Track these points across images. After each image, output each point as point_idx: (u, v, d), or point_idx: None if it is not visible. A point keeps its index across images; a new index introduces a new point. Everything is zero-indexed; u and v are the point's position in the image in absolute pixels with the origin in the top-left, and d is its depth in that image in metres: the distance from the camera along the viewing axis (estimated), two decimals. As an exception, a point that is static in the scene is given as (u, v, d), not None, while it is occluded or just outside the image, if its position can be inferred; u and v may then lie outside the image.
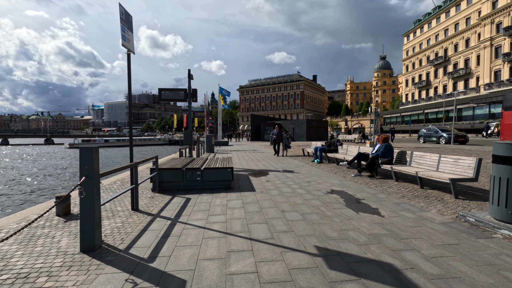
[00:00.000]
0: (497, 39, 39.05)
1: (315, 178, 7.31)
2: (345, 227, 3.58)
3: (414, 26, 61.11)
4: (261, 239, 3.21)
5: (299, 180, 7.04)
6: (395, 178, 6.47)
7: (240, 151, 18.33)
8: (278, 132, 13.94)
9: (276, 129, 13.95)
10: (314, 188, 6.03)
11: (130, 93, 4.41)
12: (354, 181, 6.79)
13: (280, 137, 13.91)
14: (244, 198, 5.26)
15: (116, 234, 3.47)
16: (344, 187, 6.15)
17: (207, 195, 5.51)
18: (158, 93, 10.62)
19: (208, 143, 17.87)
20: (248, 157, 14.19)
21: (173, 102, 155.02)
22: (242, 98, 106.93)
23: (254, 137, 39.39)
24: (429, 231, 3.40)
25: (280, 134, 13.98)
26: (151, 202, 5.09)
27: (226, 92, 28.91)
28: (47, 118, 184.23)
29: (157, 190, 5.86)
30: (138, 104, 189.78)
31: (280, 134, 13.95)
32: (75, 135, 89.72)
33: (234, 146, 24.81)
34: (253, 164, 10.89)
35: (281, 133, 14.05)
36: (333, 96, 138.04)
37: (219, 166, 6.17)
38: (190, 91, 10.83)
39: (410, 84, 61.71)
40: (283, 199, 5.10)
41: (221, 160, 7.42)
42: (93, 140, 63.12)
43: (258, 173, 8.56)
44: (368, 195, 5.35)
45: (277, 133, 13.94)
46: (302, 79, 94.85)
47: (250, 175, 8.06)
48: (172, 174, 5.97)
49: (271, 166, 10.33)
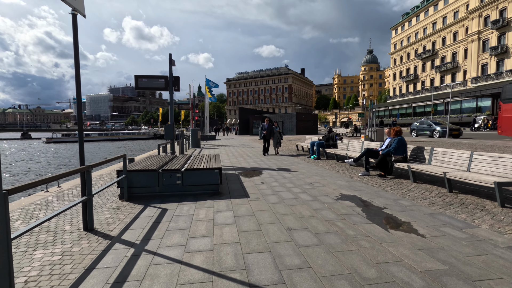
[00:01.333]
0: (484, 33, 39.12)
1: (317, 179, 6.28)
2: (382, 257, 2.54)
3: (402, 19, 60.95)
4: (267, 286, 2.12)
5: (299, 182, 5.99)
6: (412, 179, 5.51)
7: (228, 146, 17.15)
8: (269, 126, 11.48)
9: (266, 123, 11.59)
10: (320, 193, 4.99)
11: (77, 69, 3.17)
12: (363, 182, 5.80)
13: (271, 131, 11.58)
14: (236, 208, 4.15)
15: (44, 280, 2.29)
16: (354, 190, 5.14)
17: (189, 204, 4.37)
18: (135, 81, 9.28)
19: (193, 138, 16.59)
20: (238, 152, 13.05)
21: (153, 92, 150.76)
22: (230, 91, 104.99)
23: (242, 131, 38.20)
24: (501, 263, 2.40)
25: (271, 128, 11.60)
26: (114, 215, 3.91)
27: (214, 84, 27.55)
28: (24, 111, 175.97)
29: (125, 198, 4.66)
30: (122, 97, 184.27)
31: (270, 129, 11.55)
32: (54, 129, 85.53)
33: (221, 141, 23.59)
34: (244, 161, 9.78)
35: (272, 127, 11.73)
36: (320, 90, 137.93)
37: (205, 167, 5.02)
38: (172, 78, 9.53)
39: (398, 78, 61.81)
40: (286, 209, 4.03)
41: (207, 159, 6.26)
42: (73, 134, 60.14)
43: (250, 172, 7.46)
44: (389, 201, 4.35)
45: (267, 127, 11.44)
46: (290, 72, 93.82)
47: (241, 175, 6.95)
48: (145, 177, 4.78)
49: (264, 163, 9.25)
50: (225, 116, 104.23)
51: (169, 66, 9.64)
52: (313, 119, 37.94)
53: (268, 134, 11.47)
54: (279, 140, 11.89)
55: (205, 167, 4.98)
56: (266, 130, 11.48)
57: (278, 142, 11.85)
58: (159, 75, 9.52)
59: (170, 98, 9.65)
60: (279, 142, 11.92)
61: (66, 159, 24.95)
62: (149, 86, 9.43)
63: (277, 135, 11.76)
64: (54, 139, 53.67)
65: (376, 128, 16.67)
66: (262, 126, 11.72)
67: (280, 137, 11.94)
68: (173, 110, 9.76)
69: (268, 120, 11.72)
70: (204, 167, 5.01)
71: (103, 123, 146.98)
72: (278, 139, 11.82)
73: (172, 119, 9.75)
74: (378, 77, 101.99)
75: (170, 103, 9.76)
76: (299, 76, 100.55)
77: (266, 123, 11.60)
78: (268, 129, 11.45)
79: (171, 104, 9.74)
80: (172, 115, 9.77)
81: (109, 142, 54.25)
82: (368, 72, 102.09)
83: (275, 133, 11.69)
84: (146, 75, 9.44)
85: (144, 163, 5.47)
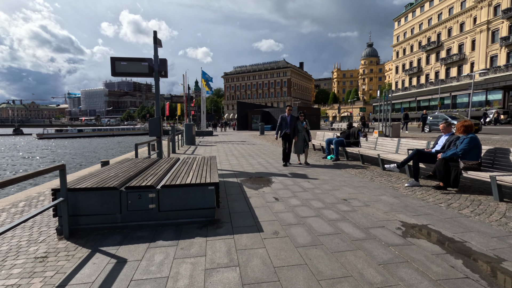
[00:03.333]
0: (494, 23, 37.33)
1: (350, 192, 4.57)
2: None
3: (405, 10, 58.90)
4: None
5: (328, 197, 4.28)
6: (499, 196, 3.81)
7: (226, 143, 15.40)
8: (291, 120, 7.34)
9: (288, 114, 7.41)
10: (368, 220, 3.29)
11: None
12: (420, 199, 4.10)
13: (296, 128, 7.39)
14: (243, 258, 2.44)
15: None
16: (417, 214, 3.45)
17: (165, 248, 2.65)
18: (111, 65, 7.47)
19: (187, 134, 14.81)
20: (238, 151, 11.32)
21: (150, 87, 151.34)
22: (227, 85, 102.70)
23: (241, 126, 36.41)
24: None
25: (294, 123, 7.38)
26: (26, 277, 2.18)
27: (209, 77, 26.09)
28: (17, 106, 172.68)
29: (66, 234, 2.93)
30: (117, 92, 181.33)
31: (294, 124, 7.38)
32: (45, 124, 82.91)
33: (219, 137, 21.81)
34: (246, 163, 8.05)
35: (296, 122, 7.43)
36: (319, 84, 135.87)
37: (193, 182, 3.28)
38: (157, 61, 7.74)
39: (401, 71, 59.99)
40: (331, 263, 2.31)
41: (198, 165, 4.52)
42: (65, 130, 58.04)
43: (256, 180, 5.73)
44: (493, 242, 2.66)
45: (289, 120, 7.33)
46: (289, 65, 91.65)
47: (245, 185, 5.22)
48: (99, 199, 3.04)
49: (271, 165, 7.52)
50: (222, 111, 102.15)
51: (154, 47, 7.82)
52: (315, 114, 36.20)
53: (292, 133, 7.34)
54: (306, 141, 7.48)
55: (193, 183, 3.24)
56: (288, 125, 7.27)
57: (304, 145, 7.47)
58: (141, 57, 7.71)
59: (156, 85, 7.85)
60: (306, 145, 7.49)
61: (43, 156, 23.10)
62: (129, 71, 7.61)
63: (303, 135, 7.42)
64: (45, 135, 51.68)
65: (392, 123, 14.96)
66: (281, 119, 7.37)
67: (307, 137, 7.51)
68: (159, 100, 7.98)
69: (290, 110, 7.47)
70: (192, 182, 3.27)
71: (98, 118, 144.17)
72: (304, 141, 7.45)
73: (158, 111, 7.97)
74: (378, 71, 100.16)
75: (156, 92, 7.97)
76: (298, 70, 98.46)
77: (288, 114, 7.39)
78: (291, 124, 7.30)
79: (157, 94, 7.95)
80: (159, 107, 7.98)
81: (103, 138, 52.31)
82: (368, 66, 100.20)
83: (300, 130, 7.42)
84: (125, 57, 7.64)
85: (103, 174, 3.70)
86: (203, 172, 3.89)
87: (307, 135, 7.47)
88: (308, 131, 7.53)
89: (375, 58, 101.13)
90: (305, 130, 7.45)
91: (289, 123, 7.28)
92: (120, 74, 7.60)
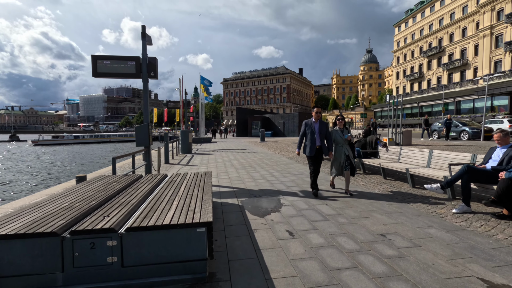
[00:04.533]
0: (498, 27, 36.76)
1: (383, 220, 3.52)
2: None
3: (406, 16, 58.59)
4: None
5: (359, 231, 3.22)
6: None
7: (225, 151, 14.36)
8: (321, 127, 4.86)
9: (316, 119, 4.86)
10: (435, 278, 2.23)
11: None
12: (488, 236, 3.05)
13: (329, 140, 4.93)
14: None
15: None
16: (500, 265, 2.40)
17: None
18: (92, 64, 6.49)
19: (184, 141, 13.78)
20: (238, 161, 10.28)
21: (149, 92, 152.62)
22: (226, 91, 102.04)
23: (240, 133, 35.42)
24: None
25: (327, 132, 4.94)
26: None
27: (208, 82, 25.23)
28: (15, 112, 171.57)
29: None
30: (116, 98, 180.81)
31: (325, 133, 4.90)
32: (41, 131, 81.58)
33: (218, 144, 20.77)
34: (247, 176, 7.00)
35: (334, 130, 5.10)
36: (318, 90, 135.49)
37: (173, 223, 2.21)
38: (146, 60, 6.75)
39: (402, 77, 59.38)
40: None
41: (188, 187, 3.48)
42: (61, 136, 56.93)
43: (260, 200, 4.67)
44: None
45: (318, 128, 4.84)
46: (288, 71, 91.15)
47: (247, 208, 4.17)
48: (29, 251, 1.99)
49: (276, 179, 6.48)
50: (221, 117, 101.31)
51: (142, 43, 6.85)
52: (317, 120, 35.23)
53: (326, 148, 4.87)
54: (349, 159, 4.91)
55: (174, 223, 2.18)
56: (317, 134, 4.80)
57: (346, 165, 4.92)
58: (127, 56, 6.73)
59: (144, 88, 6.84)
60: (348, 166, 4.91)
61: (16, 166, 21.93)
62: (113, 72, 6.61)
63: (344, 150, 4.94)
64: (40, 142, 50.57)
65: (403, 130, 13.97)
66: (305, 126, 4.92)
67: (352, 153, 5.02)
68: (148, 105, 6.97)
69: (319, 114, 4.84)
70: (172, 221, 2.22)
71: (96, 124, 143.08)
72: (347, 159, 4.92)
73: (146, 117, 6.95)
74: (377, 77, 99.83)
75: (144, 96, 6.96)
76: (297, 76, 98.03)
77: (316, 120, 4.85)
78: (321, 133, 4.82)
79: (145, 97, 6.94)
80: (147, 113, 6.97)
81: (100, 145, 51.23)
82: (368, 72, 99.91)
83: (338, 143, 4.99)
84: (109, 55, 6.65)
85: (51, 205, 2.64)
86: (193, 199, 2.84)
87: (350, 150, 4.92)
88: (353, 144, 5.18)
89: (375, 64, 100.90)
90: (347, 143, 4.92)
91: (318, 133, 4.75)
92: (103, 75, 6.61)
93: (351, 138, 5.02)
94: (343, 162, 4.93)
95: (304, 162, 9.37)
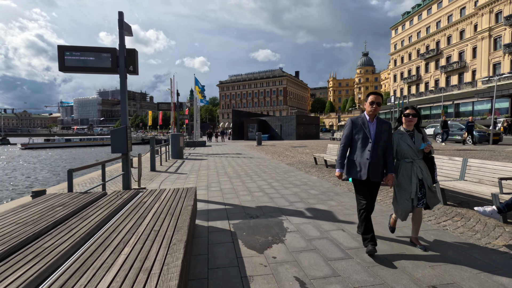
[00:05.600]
0: (496, 29, 36.39)
1: (426, 258, 2.58)
2: None
3: (402, 18, 58.36)
4: None
5: (400, 280, 2.28)
6: None
7: (219, 156, 13.37)
8: (379, 128, 2.80)
9: (371, 117, 2.84)
10: None
11: None
12: None
13: (392, 153, 2.85)
14: None
15: None
16: None
17: None
18: (58, 56, 5.49)
19: (174, 146, 12.76)
20: (232, 167, 9.29)
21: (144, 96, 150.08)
22: (222, 94, 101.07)
23: (236, 136, 34.44)
24: None
25: (387, 138, 2.82)
26: None
27: (202, 86, 24.63)
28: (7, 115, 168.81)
29: None
30: (111, 101, 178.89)
31: (386, 139, 2.81)
32: (32, 134, 79.69)
33: (212, 148, 19.77)
34: (242, 188, 6.01)
35: (392, 133, 2.92)
36: (315, 93, 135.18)
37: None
38: (123, 53, 5.77)
39: (399, 79, 59.00)
40: None
41: (157, 216, 2.49)
42: (52, 139, 55.42)
43: (258, 224, 3.68)
44: None
45: (374, 131, 2.78)
46: (285, 74, 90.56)
47: (240, 237, 3.19)
48: None
49: (276, 192, 5.50)
50: (217, 120, 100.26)
51: (119, 33, 5.86)
52: (315, 123, 34.43)
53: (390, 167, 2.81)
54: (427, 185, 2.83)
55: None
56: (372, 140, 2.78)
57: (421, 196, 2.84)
58: (102, 47, 5.74)
59: (121, 84, 5.84)
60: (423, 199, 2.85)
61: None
62: (84, 66, 5.61)
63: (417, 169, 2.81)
64: (30, 145, 49.03)
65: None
66: (353, 125, 2.91)
67: (429, 175, 2.86)
68: (126, 104, 5.97)
69: (375, 107, 2.80)
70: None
71: (91, 127, 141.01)
72: (420, 185, 2.83)
73: (124, 119, 5.96)
74: (374, 80, 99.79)
75: (122, 94, 5.96)
76: (293, 78, 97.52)
77: (372, 117, 2.86)
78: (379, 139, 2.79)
79: (123, 95, 5.95)
80: (125, 114, 5.98)
81: (93, 148, 49.90)
82: (364, 74, 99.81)
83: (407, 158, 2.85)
84: (79, 46, 5.66)
85: None
86: (156, 243, 1.86)
87: (426, 168, 2.85)
88: (432, 158, 2.93)
89: (371, 67, 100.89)
90: (421, 156, 2.87)
91: (375, 139, 2.78)
92: (73, 70, 5.61)
93: (430, 148, 2.80)
94: (415, 192, 2.76)
95: (307, 170, 8.40)
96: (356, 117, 2.94)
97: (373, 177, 2.77)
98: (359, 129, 2.84)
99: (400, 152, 2.86)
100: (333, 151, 8.51)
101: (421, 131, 2.92)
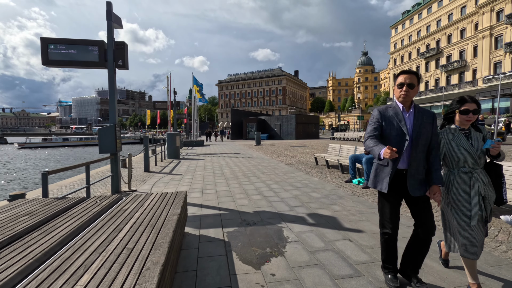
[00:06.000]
0: (497, 28, 36.08)
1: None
2: None
3: (402, 17, 58.01)
4: None
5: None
6: None
7: (217, 156, 13.01)
8: (418, 121, 2.03)
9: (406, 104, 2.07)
10: None
11: None
12: None
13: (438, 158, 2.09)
14: None
15: None
16: None
17: None
18: (41, 50, 5.11)
19: (170, 145, 12.38)
20: (229, 168, 8.92)
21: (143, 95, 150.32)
22: (222, 93, 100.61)
23: (235, 135, 34.06)
24: None
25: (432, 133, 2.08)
26: None
27: (200, 84, 24.37)
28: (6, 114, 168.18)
29: None
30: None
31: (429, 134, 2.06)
32: (29, 133, 79.04)
33: (210, 147, 19.40)
34: (239, 191, 5.64)
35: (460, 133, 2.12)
36: (314, 92, 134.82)
37: None
38: (112, 46, 5.39)
39: (399, 79, 58.66)
40: None
41: (136, 228, 2.13)
42: (50, 139, 54.95)
43: (256, 233, 3.31)
44: None
45: (412, 125, 2.03)
46: (284, 73, 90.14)
47: (234, 249, 2.83)
48: None
49: (275, 195, 5.14)
50: (216, 119, 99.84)
51: (108, 25, 5.48)
52: (314, 122, 34.08)
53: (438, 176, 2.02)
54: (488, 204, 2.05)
55: None
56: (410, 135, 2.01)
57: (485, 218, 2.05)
58: (89, 40, 5.36)
59: (110, 80, 5.47)
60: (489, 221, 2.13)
61: None
62: (70, 59, 5.24)
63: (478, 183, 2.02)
64: (27, 144, 48.60)
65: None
66: (380, 117, 2.13)
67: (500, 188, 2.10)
68: (115, 102, 5.60)
69: (411, 92, 2.03)
70: None
71: (89, 126, 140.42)
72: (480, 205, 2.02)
73: (113, 117, 5.59)
74: (373, 79, 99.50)
75: (110, 90, 5.58)
76: (293, 78, 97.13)
77: (407, 104, 2.08)
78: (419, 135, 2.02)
79: (112, 92, 5.57)
80: (114, 111, 5.61)
81: (91, 147, 49.47)
82: (363, 74, 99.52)
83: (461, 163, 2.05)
84: (65, 38, 5.27)
85: None
86: (125, 267, 1.50)
87: (490, 182, 2.08)
88: (500, 168, 2.11)
89: (370, 66, 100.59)
90: (482, 165, 2.09)
91: (413, 134, 2.02)
92: (57, 64, 5.23)
93: (499, 149, 1.97)
94: (476, 216, 2.00)
95: (307, 170, 8.04)
96: (385, 106, 2.16)
97: (413, 191, 2.02)
98: (390, 123, 2.07)
99: (453, 158, 2.08)
100: (335, 151, 8.15)
101: (480, 129, 2.13)
